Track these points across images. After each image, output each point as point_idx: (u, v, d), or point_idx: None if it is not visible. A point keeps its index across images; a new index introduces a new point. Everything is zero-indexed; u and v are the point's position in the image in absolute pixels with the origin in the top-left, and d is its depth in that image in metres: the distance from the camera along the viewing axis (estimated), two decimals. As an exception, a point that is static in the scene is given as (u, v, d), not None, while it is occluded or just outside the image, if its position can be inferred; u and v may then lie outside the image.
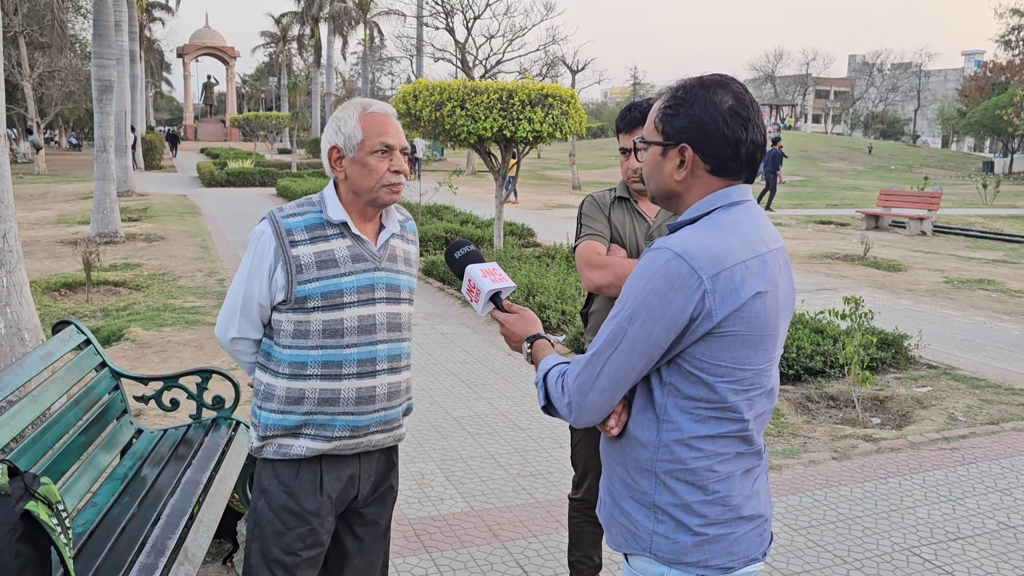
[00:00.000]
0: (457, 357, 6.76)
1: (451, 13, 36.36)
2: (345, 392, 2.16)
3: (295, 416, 2.16)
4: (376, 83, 61.16)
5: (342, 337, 2.14)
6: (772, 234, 1.66)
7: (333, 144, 2.16)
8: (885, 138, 72.74)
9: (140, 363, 6.18)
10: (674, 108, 1.62)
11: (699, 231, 1.58)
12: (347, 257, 2.15)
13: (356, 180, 2.15)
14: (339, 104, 34.04)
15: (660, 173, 1.67)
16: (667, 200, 1.71)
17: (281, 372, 2.16)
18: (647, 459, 1.63)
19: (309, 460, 2.18)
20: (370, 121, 2.14)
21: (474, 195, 23.29)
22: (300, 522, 2.17)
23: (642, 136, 1.72)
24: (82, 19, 35.12)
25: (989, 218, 20.48)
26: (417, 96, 10.25)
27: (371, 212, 2.21)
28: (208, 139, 60.77)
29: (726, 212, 1.61)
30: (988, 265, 12.88)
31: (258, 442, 2.20)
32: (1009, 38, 59.52)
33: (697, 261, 1.51)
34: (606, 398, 1.60)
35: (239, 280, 2.18)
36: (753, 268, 1.56)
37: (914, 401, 5.76)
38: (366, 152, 2.13)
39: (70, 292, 9.06)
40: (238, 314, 2.18)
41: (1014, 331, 8.18)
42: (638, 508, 1.65)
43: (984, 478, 4.49)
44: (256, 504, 2.22)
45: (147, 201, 20.25)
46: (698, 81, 1.63)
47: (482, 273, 1.96)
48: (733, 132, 1.58)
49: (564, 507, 3.99)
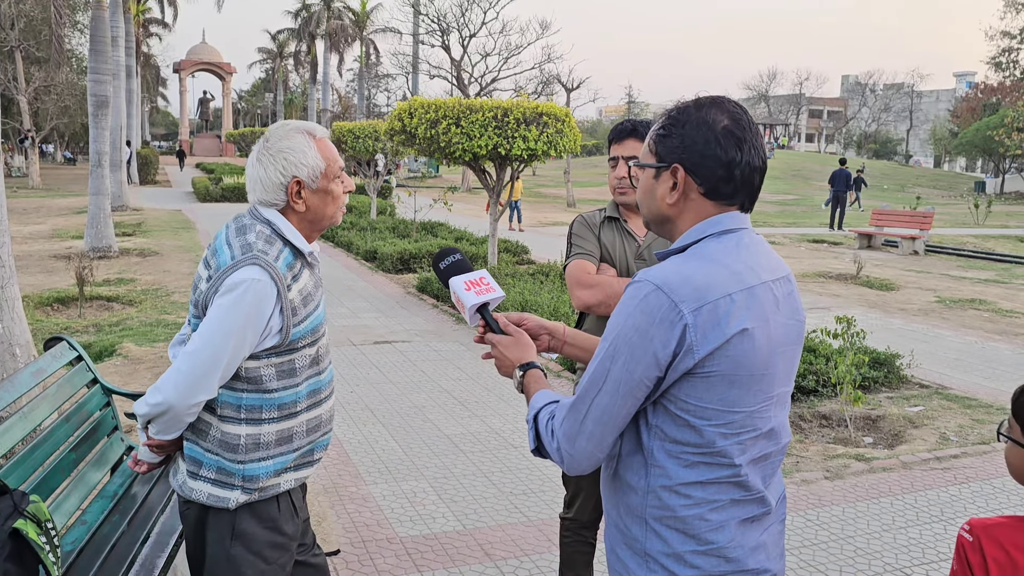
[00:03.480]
0: (450, 374, 6.75)
1: (447, 31, 36.62)
2: (324, 414, 2.18)
3: (287, 456, 2.09)
4: (372, 100, 61.41)
5: (320, 363, 2.15)
6: (770, 264, 1.56)
7: (294, 177, 2.04)
8: (878, 158, 73.17)
9: (132, 379, 6.16)
10: (667, 129, 1.56)
11: (682, 262, 1.50)
12: (314, 286, 2.13)
13: (318, 209, 2.09)
14: (335, 120, 33.93)
15: (652, 197, 1.60)
16: (660, 226, 1.63)
17: (266, 418, 2.04)
18: (637, 504, 1.54)
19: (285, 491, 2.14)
20: (325, 147, 2.09)
21: (469, 212, 23.35)
22: (282, 551, 2.14)
23: (636, 158, 1.69)
24: (79, 34, 35.24)
25: (981, 238, 20.60)
26: (413, 113, 10.30)
27: (315, 236, 2.17)
28: (204, 154, 60.79)
29: (715, 241, 1.52)
30: (980, 285, 12.94)
31: (244, 495, 2.04)
32: (1000, 60, 60.10)
33: (678, 294, 1.43)
34: (595, 443, 1.49)
35: (224, 335, 1.93)
36: (740, 302, 1.46)
37: (906, 421, 5.77)
38: (329, 180, 2.09)
39: (63, 307, 9.04)
40: (218, 373, 1.95)
41: (1005, 351, 8.22)
42: (631, 555, 1.56)
43: (976, 498, 4.50)
44: (230, 553, 2.06)
45: (142, 216, 20.24)
46: (694, 102, 1.57)
47: (465, 286, 1.84)
48: (726, 153, 1.51)
49: (557, 526, 3.98)
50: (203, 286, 2.00)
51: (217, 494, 2.04)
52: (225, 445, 2.03)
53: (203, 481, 2.05)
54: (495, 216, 11.06)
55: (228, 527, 2.06)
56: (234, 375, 2.00)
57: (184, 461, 2.09)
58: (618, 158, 2.74)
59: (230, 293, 1.94)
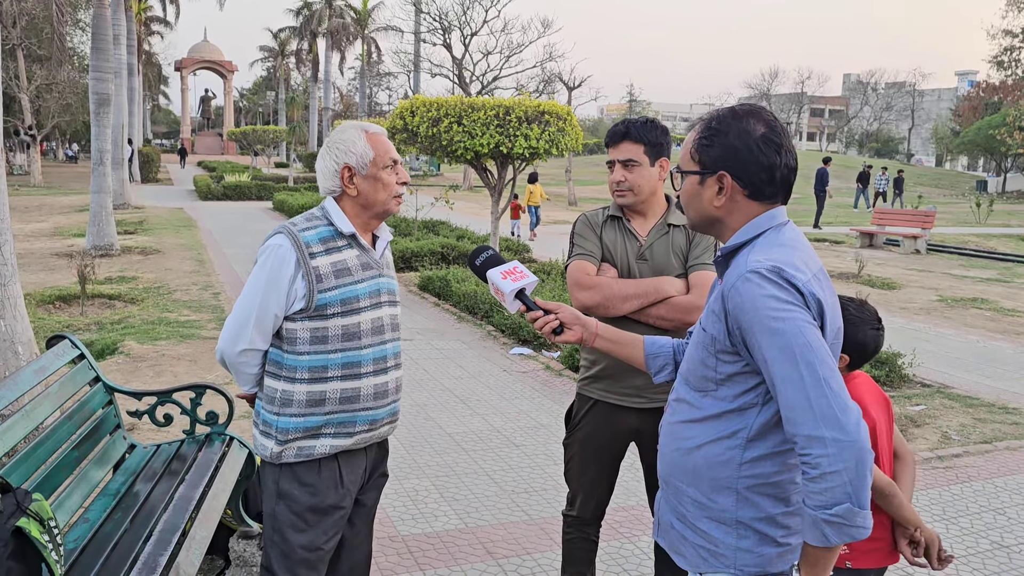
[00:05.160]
0: (452, 373, 6.75)
1: (448, 29, 36.55)
2: (364, 389, 2.33)
3: (316, 417, 2.27)
4: (373, 98, 61.40)
5: (360, 339, 2.31)
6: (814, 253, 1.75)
7: (345, 164, 2.30)
8: (880, 156, 73.07)
9: (134, 377, 6.16)
10: (709, 138, 1.71)
11: (768, 249, 1.64)
12: (358, 266, 2.32)
13: (369, 195, 2.32)
14: (337, 119, 34.06)
15: (699, 200, 1.75)
16: (708, 226, 1.78)
17: (299, 378, 2.26)
18: (728, 476, 1.66)
19: (328, 458, 2.32)
20: (376, 141, 2.34)
21: (470, 210, 23.34)
22: (323, 517, 2.31)
23: (678, 166, 1.79)
24: (80, 32, 35.24)
25: (983, 237, 20.56)
26: (414, 112, 10.29)
27: (374, 224, 2.39)
28: (205, 152, 60.80)
29: (777, 232, 1.68)
30: (982, 284, 12.93)
31: (277, 447, 2.28)
32: (1001, 59, 60.00)
33: (788, 271, 1.57)
34: (849, 400, 1.53)
35: (252, 292, 2.24)
36: (821, 280, 1.64)
37: (908, 420, 5.77)
38: (379, 168, 2.31)
39: (64, 305, 9.05)
40: (251, 325, 2.24)
41: (1007, 350, 8.21)
42: (717, 527, 1.69)
43: (978, 497, 4.49)
44: (274, 511, 2.31)
45: (143, 214, 20.25)
46: (730, 111, 1.72)
47: (502, 275, 2.05)
48: (768, 158, 1.66)
49: (558, 524, 3.98)
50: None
51: (262, 443, 2.32)
52: (268, 398, 2.31)
53: (257, 431, 2.35)
54: (497, 215, 11.06)
55: (274, 485, 2.31)
56: (277, 334, 2.29)
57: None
58: (614, 162, 2.74)
59: (260, 258, 2.27)
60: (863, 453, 1.47)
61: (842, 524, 1.47)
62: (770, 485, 1.64)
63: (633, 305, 2.64)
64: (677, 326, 2.65)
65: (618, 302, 2.64)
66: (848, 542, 1.50)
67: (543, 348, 7.58)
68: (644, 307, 2.64)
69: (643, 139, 2.67)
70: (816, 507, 1.49)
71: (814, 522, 1.50)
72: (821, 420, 1.48)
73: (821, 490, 1.48)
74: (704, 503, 1.69)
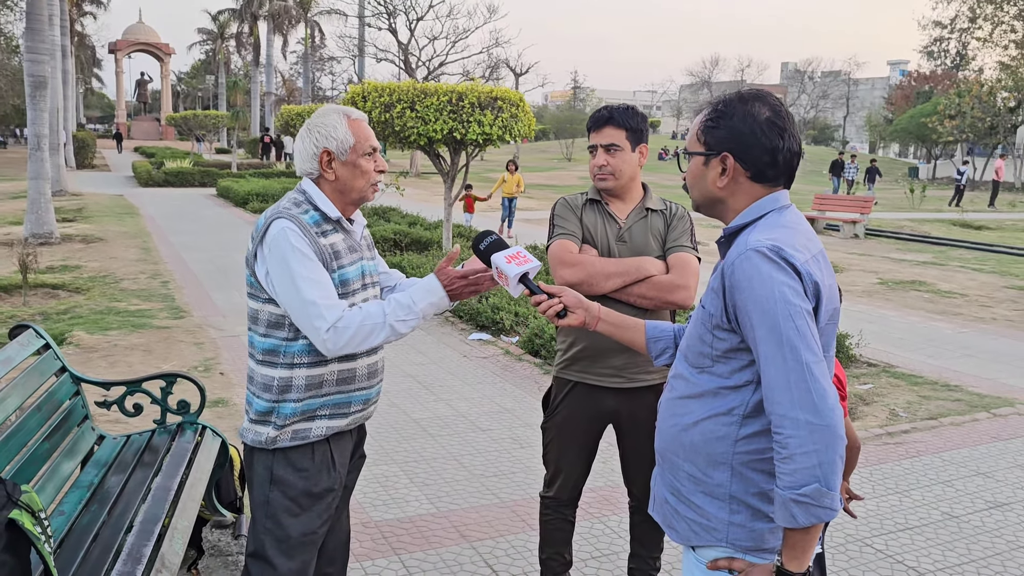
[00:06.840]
0: (413, 359, 6.75)
1: (393, 14, 36.15)
2: (360, 370, 2.34)
3: (315, 400, 2.27)
4: (317, 83, 60.34)
5: None
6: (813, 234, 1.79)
7: (324, 148, 2.27)
8: (816, 144, 74.84)
9: (87, 368, 6.01)
10: (715, 120, 1.75)
11: (769, 230, 1.67)
12: (344, 249, 2.31)
13: (347, 180, 2.30)
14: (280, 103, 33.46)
15: (704, 181, 1.79)
16: (711, 207, 1.82)
17: (298, 363, 2.25)
18: (723, 452, 1.70)
19: (321, 441, 2.32)
20: (358, 127, 2.31)
21: (420, 197, 23.19)
22: (318, 501, 2.32)
23: (685, 148, 1.84)
24: (8, 11, 33.85)
25: (917, 221, 21.28)
26: (366, 97, 10.18)
27: (350, 210, 2.38)
28: (142, 138, 58.97)
29: (779, 215, 1.73)
30: (919, 267, 13.40)
31: (274, 431, 2.26)
32: (932, 49, 61.99)
33: (787, 252, 1.61)
34: (831, 388, 1.58)
35: (297, 275, 2.13)
36: (820, 261, 1.68)
37: (857, 398, 5.98)
38: (358, 155, 2.29)
39: (5, 295, 8.74)
40: (324, 291, 2.14)
41: (947, 330, 8.55)
42: (711, 501, 1.72)
43: (927, 471, 4.70)
44: (268, 497, 2.30)
45: (82, 201, 19.62)
46: (737, 95, 1.76)
47: (506, 259, 2.10)
48: (771, 141, 1.70)
49: (529, 507, 4.04)
50: (249, 246, 2.28)
51: (255, 430, 2.29)
52: (264, 387, 2.26)
53: (248, 421, 2.31)
54: (450, 201, 11.04)
55: (267, 472, 2.29)
56: (275, 324, 2.23)
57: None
58: (597, 146, 2.78)
59: (275, 247, 2.17)
60: (835, 438, 1.52)
61: (809, 504, 1.51)
62: (764, 461, 1.67)
63: (615, 283, 2.69)
64: (658, 305, 2.72)
65: (601, 280, 2.68)
66: (816, 523, 1.53)
67: (501, 333, 7.63)
68: (626, 285, 2.69)
69: (625, 125, 2.72)
70: (785, 487, 1.54)
71: (783, 502, 1.54)
72: (797, 402, 1.53)
73: (791, 471, 1.52)
74: (700, 478, 1.73)
